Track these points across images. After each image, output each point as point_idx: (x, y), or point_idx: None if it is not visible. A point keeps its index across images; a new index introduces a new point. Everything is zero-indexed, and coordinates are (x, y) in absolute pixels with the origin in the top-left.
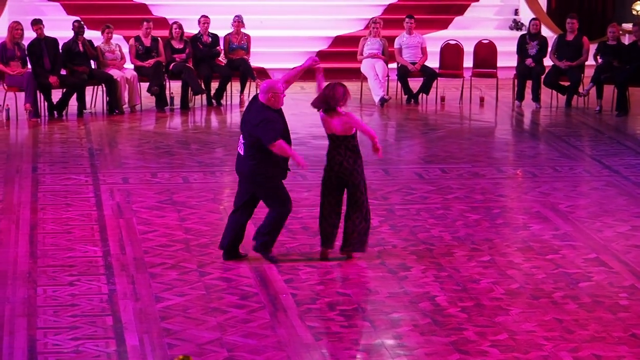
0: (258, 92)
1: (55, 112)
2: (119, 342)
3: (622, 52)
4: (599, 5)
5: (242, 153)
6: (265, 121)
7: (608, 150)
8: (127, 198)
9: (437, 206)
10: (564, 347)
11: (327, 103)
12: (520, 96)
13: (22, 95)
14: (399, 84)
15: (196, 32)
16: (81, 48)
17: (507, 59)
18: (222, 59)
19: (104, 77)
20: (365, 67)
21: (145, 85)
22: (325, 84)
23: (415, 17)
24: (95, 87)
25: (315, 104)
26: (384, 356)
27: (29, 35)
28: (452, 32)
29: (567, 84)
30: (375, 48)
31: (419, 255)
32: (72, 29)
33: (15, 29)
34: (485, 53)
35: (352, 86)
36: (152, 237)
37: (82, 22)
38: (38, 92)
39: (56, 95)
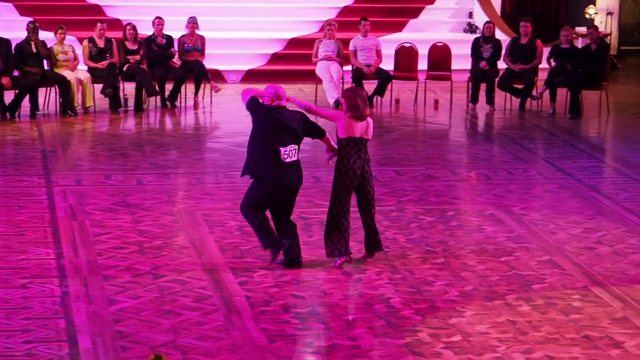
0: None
1: (7, 113)
2: (72, 345)
3: (575, 55)
4: (552, 9)
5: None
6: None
7: (561, 152)
8: (80, 200)
9: (391, 208)
10: (518, 349)
11: (359, 107)
12: (474, 99)
13: None
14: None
15: (150, 33)
16: (34, 49)
17: (461, 61)
18: (176, 60)
19: (57, 78)
20: (320, 69)
21: (98, 87)
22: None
23: (370, 19)
24: (48, 88)
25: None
26: (339, 358)
27: None
28: (407, 35)
29: (520, 86)
30: (330, 50)
31: (374, 257)
32: (26, 30)
33: None
34: (440, 56)
35: (306, 88)
36: (105, 240)
37: (36, 23)
38: None
39: (9, 96)
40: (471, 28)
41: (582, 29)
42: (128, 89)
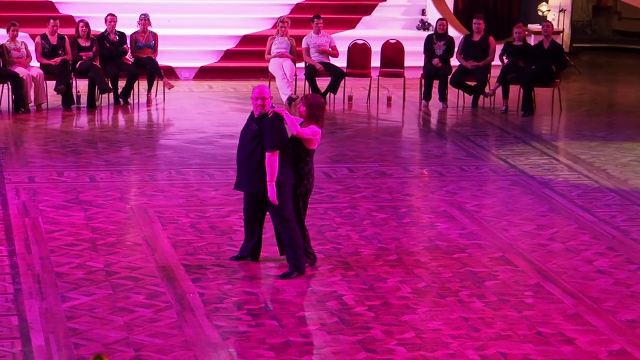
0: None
1: None
2: (25, 342)
3: (527, 52)
4: (505, 6)
5: None
6: None
7: (514, 149)
8: (33, 197)
9: (344, 205)
10: (470, 345)
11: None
12: (427, 96)
13: None
14: (307, 83)
15: (102, 30)
16: None
17: (414, 58)
18: (129, 57)
19: (10, 75)
20: (273, 66)
21: (51, 84)
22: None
23: (322, 16)
24: (1, 85)
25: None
26: (292, 355)
27: None
28: (360, 32)
29: (473, 84)
30: (282, 47)
31: (327, 254)
32: None
33: None
34: (393, 53)
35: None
36: (58, 237)
37: None
38: None
39: None
40: (424, 25)
41: (534, 26)
42: (81, 85)
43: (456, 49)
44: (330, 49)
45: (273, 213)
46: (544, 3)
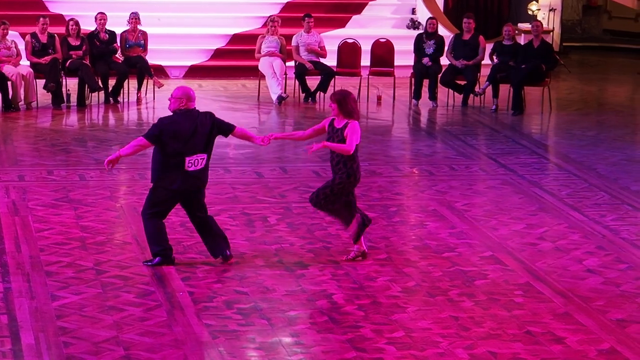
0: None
1: None
2: (14, 341)
3: (517, 51)
4: (494, 5)
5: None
6: None
7: (504, 149)
8: (23, 196)
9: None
10: (460, 344)
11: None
12: (417, 95)
13: None
14: (297, 82)
15: (92, 29)
16: None
17: (404, 57)
18: (119, 56)
19: None
20: (263, 65)
21: (41, 82)
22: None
23: (313, 15)
24: None
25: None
26: (281, 354)
27: None
28: (350, 31)
29: (463, 83)
30: (272, 46)
31: (316, 254)
32: None
33: None
34: (383, 52)
35: (250, 84)
36: (48, 235)
37: None
38: None
39: None
40: (414, 24)
41: (524, 25)
42: (71, 84)
43: (446, 48)
44: (319, 49)
45: None
46: (534, 2)
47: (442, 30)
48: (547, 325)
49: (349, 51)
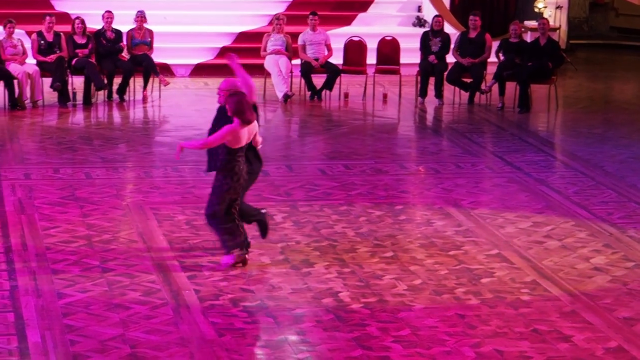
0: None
1: None
2: (21, 339)
3: (524, 49)
4: (501, 3)
5: None
6: None
7: (510, 146)
8: (29, 194)
9: (340, 202)
10: (466, 343)
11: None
12: (423, 93)
13: None
14: (303, 80)
15: (98, 27)
16: None
17: (410, 55)
18: (125, 54)
19: (4, 72)
20: (269, 63)
21: (47, 81)
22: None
23: (318, 13)
24: None
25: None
26: (287, 352)
27: None
28: (356, 29)
29: (469, 80)
30: (278, 44)
31: (322, 252)
32: None
33: None
34: (389, 50)
35: (255, 82)
36: (54, 233)
37: None
38: None
39: None
40: (420, 22)
41: (530, 23)
42: (77, 82)
43: (452, 46)
44: (325, 53)
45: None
46: (540, 0)
47: (448, 28)
48: (553, 323)
49: (354, 49)
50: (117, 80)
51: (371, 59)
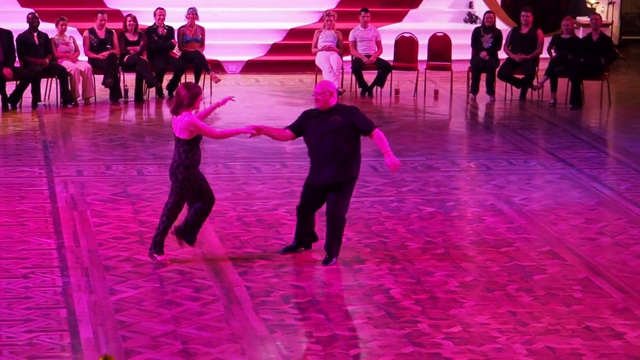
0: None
1: (9, 104)
2: (73, 335)
3: (576, 45)
4: None
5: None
6: None
7: (562, 143)
8: (81, 190)
9: (391, 199)
10: (518, 340)
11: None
12: (474, 89)
13: None
14: (354, 77)
15: (149, 25)
16: (36, 40)
17: (461, 51)
18: (176, 51)
19: (58, 69)
20: (320, 59)
21: (99, 78)
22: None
23: (369, 9)
24: (49, 79)
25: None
26: (338, 348)
27: None
28: (407, 25)
29: (521, 77)
30: (329, 41)
31: (373, 248)
32: (27, 21)
33: None
34: (440, 46)
35: (306, 78)
36: (106, 230)
37: (36, 14)
38: None
39: (10, 87)
40: (471, 18)
41: (582, 19)
42: (128, 79)
43: (504, 42)
44: (376, 50)
45: (340, 201)
46: None
47: (499, 24)
48: (606, 320)
49: (405, 45)
50: (168, 77)
51: (422, 55)
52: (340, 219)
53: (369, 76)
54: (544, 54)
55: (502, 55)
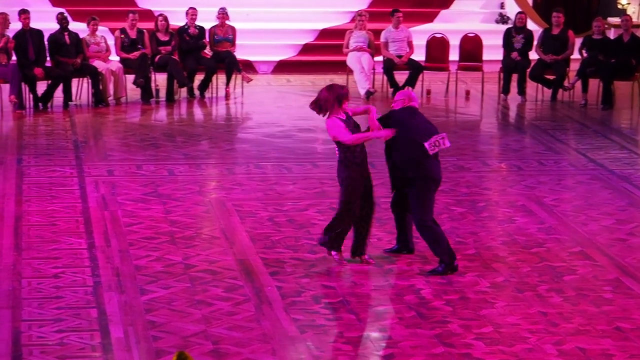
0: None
1: (40, 104)
2: (104, 335)
3: (607, 46)
4: (584, 0)
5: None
6: None
7: (593, 143)
8: (112, 190)
9: None
10: (549, 340)
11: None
12: (505, 89)
13: (7, 87)
14: (385, 77)
15: (181, 24)
16: (67, 40)
17: (492, 52)
18: (207, 51)
19: (89, 69)
20: (351, 60)
21: (130, 78)
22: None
23: (401, 10)
24: (81, 79)
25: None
26: (369, 349)
27: (13, 27)
28: (438, 26)
29: (552, 77)
30: (361, 41)
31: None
32: (56, 21)
33: (6, 20)
34: (471, 46)
35: (338, 79)
36: (137, 230)
37: (65, 14)
38: (23, 83)
39: (41, 87)
40: (503, 19)
41: (613, 20)
42: (160, 79)
43: (535, 43)
44: (407, 50)
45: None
46: None
47: (531, 25)
48: (636, 321)
49: (437, 46)
50: (199, 77)
51: (453, 55)
52: (418, 226)
53: (401, 77)
54: (575, 55)
55: (533, 56)
